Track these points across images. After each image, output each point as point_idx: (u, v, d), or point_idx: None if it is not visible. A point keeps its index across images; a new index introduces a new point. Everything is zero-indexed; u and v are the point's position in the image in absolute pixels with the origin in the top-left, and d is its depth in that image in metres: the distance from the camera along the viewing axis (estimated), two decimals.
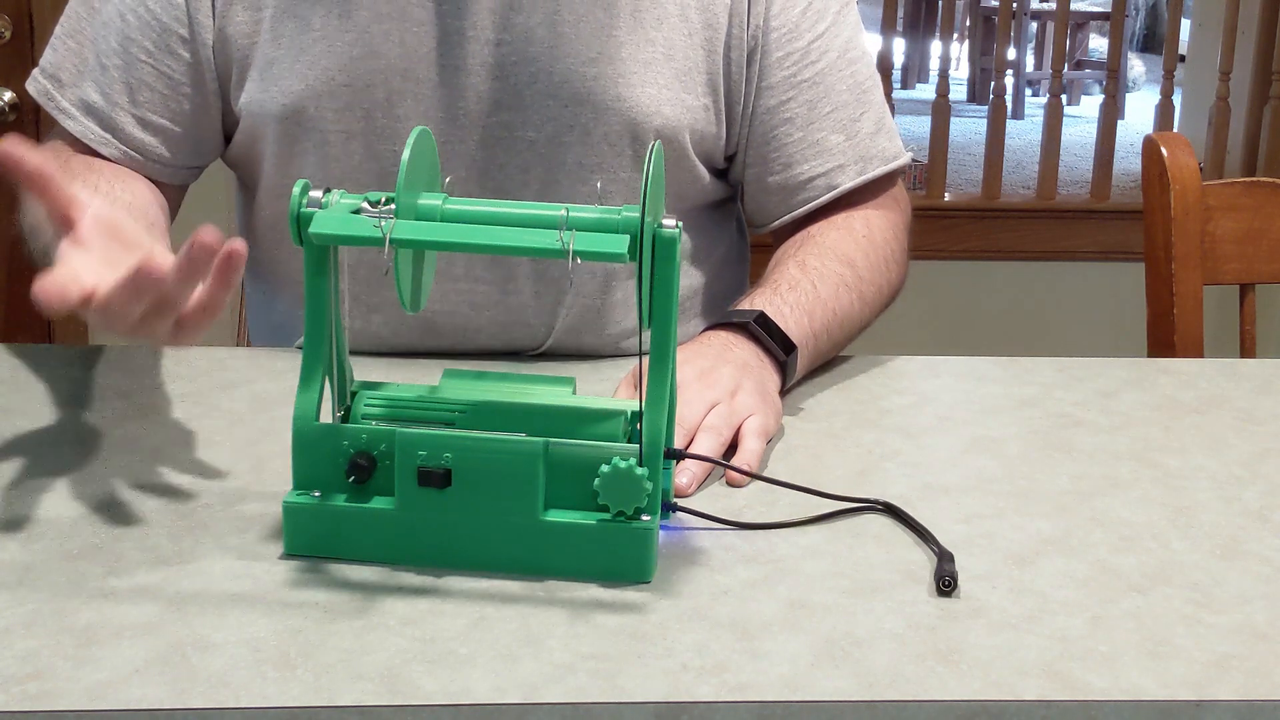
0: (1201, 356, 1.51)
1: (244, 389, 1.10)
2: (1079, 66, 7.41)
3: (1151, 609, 0.80)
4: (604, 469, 0.80)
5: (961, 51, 7.78)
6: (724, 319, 1.11)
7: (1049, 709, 0.71)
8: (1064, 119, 3.50)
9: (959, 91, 7.23)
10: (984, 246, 3.35)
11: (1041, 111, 3.70)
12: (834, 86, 1.22)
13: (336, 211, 0.81)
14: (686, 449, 0.94)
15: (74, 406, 1.06)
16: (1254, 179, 1.59)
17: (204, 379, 1.12)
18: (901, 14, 6.58)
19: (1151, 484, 0.98)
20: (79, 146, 1.19)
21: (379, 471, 0.82)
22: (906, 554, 0.86)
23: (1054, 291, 3.35)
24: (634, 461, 0.80)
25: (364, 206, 0.81)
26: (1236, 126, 3.39)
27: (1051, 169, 3.43)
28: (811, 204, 1.23)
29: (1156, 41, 8.57)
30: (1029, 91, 7.03)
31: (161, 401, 1.07)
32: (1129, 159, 4.78)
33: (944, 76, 3.45)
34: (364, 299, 1.19)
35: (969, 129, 5.83)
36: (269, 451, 0.98)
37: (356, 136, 1.15)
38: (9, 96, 2.14)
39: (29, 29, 2.15)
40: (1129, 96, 7.11)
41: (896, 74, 4.20)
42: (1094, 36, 7.75)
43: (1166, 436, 1.07)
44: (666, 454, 0.84)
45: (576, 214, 0.80)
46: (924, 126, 3.71)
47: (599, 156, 1.17)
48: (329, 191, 0.82)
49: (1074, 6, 6.00)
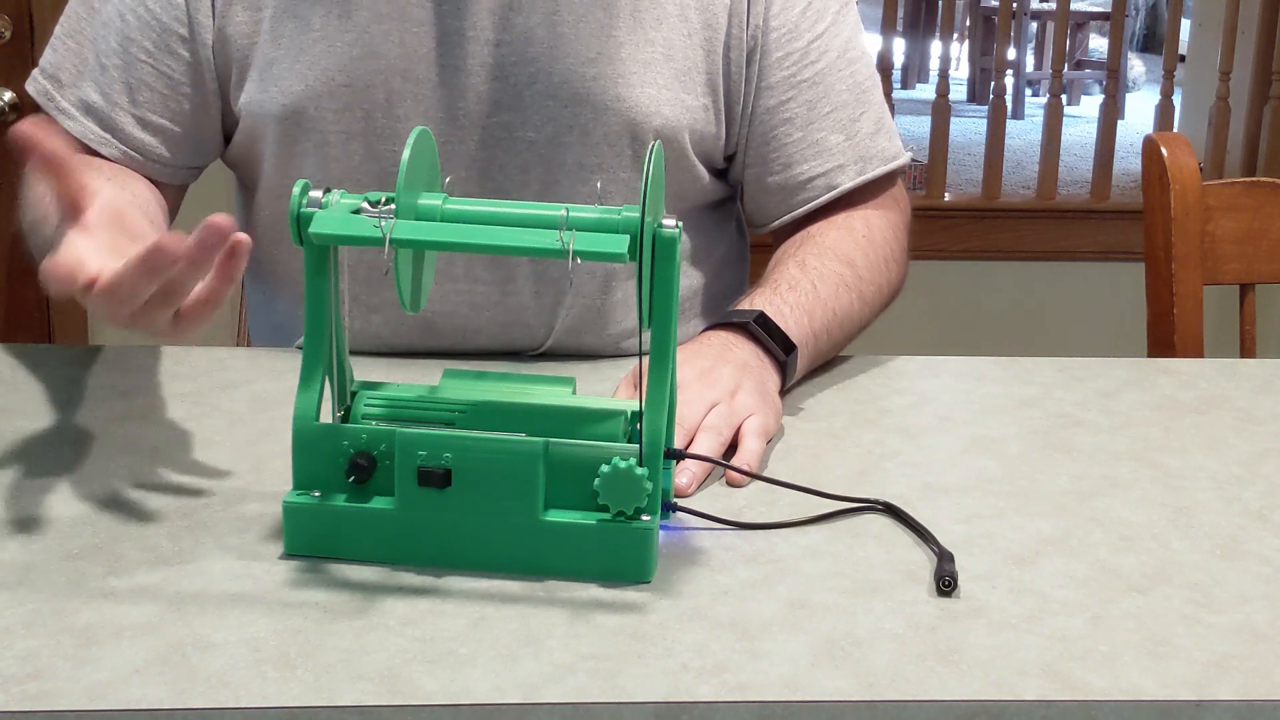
0: (1201, 356, 1.51)
1: (244, 389, 1.10)
2: (1079, 66, 7.41)
3: (1151, 609, 0.80)
4: (604, 469, 0.80)
5: (961, 51, 7.78)
6: (724, 319, 1.11)
7: (1049, 709, 0.71)
8: (1064, 119, 3.50)
9: (959, 91, 7.23)
10: (984, 246, 3.35)
11: (1041, 111, 3.70)
12: (833, 86, 1.22)
13: (336, 211, 0.81)
14: (686, 449, 0.94)
15: (74, 406, 1.06)
16: (1254, 179, 1.59)
17: (204, 379, 1.12)
18: (901, 14, 6.59)
19: (1151, 484, 0.98)
20: (78, 146, 1.19)
21: (379, 471, 0.82)
22: (906, 554, 0.86)
23: (1054, 291, 3.35)
24: (634, 461, 0.80)
25: (364, 206, 0.81)
26: (1236, 126, 3.39)
27: (1051, 169, 3.43)
28: (811, 204, 1.23)
29: (1156, 41, 8.57)
30: (1029, 91, 7.03)
31: (161, 401, 1.07)
32: (1129, 159, 4.78)
33: (944, 76, 3.45)
34: (364, 299, 1.19)
35: (969, 129, 5.84)
36: (269, 451, 0.98)
37: (356, 137, 1.15)
38: (9, 96, 2.14)
39: (29, 29, 2.15)
40: (1129, 96, 7.11)
41: (896, 74, 4.20)
42: (1094, 36, 7.75)
43: (1166, 436, 1.07)
44: (666, 454, 0.84)
45: (576, 214, 0.80)
46: (924, 126, 3.71)
47: (598, 157, 1.17)
48: (329, 191, 0.82)
49: (1074, 6, 6.00)
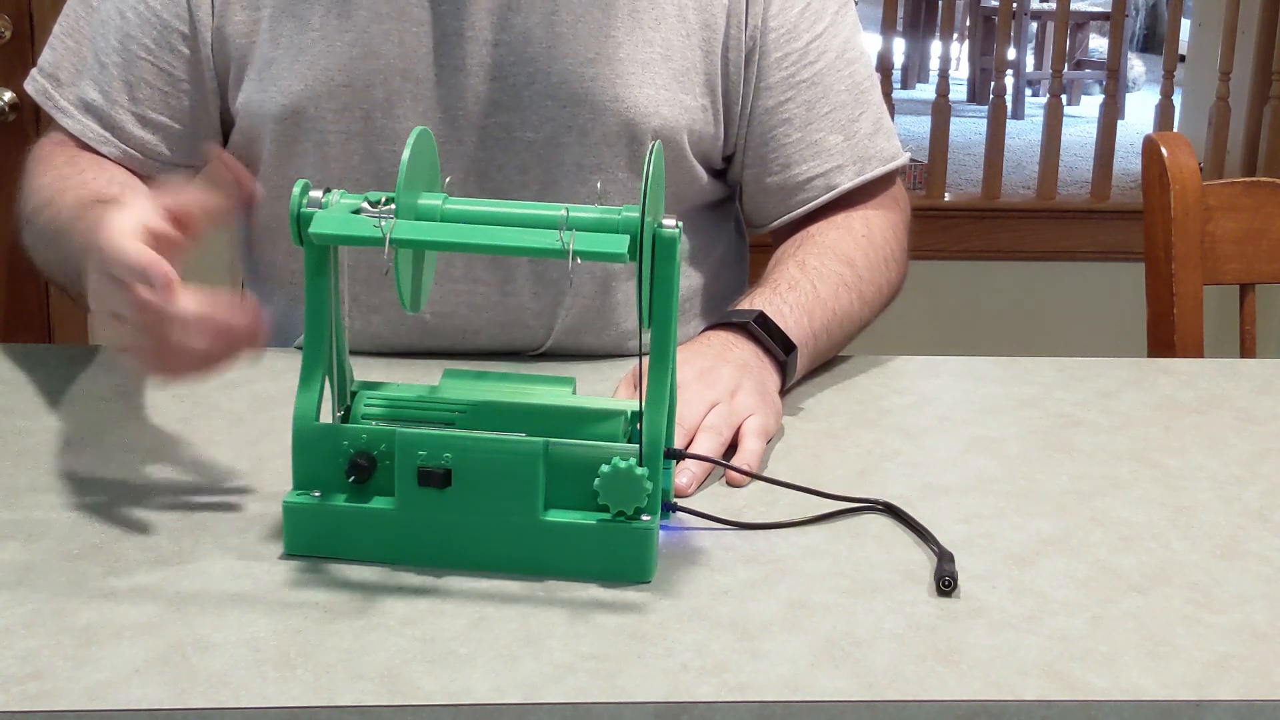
0: (1201, 356, 1.51)
1: (244, 389, 1.10)
2: (1079, 66, 7.41)
3: (1151, 609, 0.80)
4: (604, 469, 0.80)
5: (961, 51, 7.78)
6: (723, 319, 1.10)
7: (1049, 709, 0.71)
8: (1064, 119, 3.50)
9: (959, 91, 7.23)
10: (984, 246, 3.35)
11: (1041, 111, 3.70)
12: (832, 87, 1.22)
13: (336, 211, 0.81)
14: (686, 449, 0.94)
15: (74, 406, 1.06)
16: (1254, 179, 1.59)
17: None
18: (901, 14, 6.58)
19: (1151, 484, 0.98)
20: (78, 145, 1.19)
21: (379, 471, 0.82)
22: (906, 554, 0.86)
23: (1054, 291, 3.35)
24: (634, 461, 0.80)
25: (364, 206, 0.81)
26: (1236, 126, 3.39)
27: (1051, 169, 3.43)
28: (810, 204, 1.23)
29: (1156, 41, 8.57)
30: (1029, 91, 7.03)
31: (161, 401, 1.07)
32: (1129, 159, 4.78)
33: (944, 76, 3.45)
34: (364, 299, 1.19)
35: (969, 129, 5.83)
36: (269, 451, 0.98)
37: (355, 137, 1.15)
38: (9, 96, 2.14)
39: (29, 29, 2.15)
40: (1129, 96, 7.11)
41: (896, 74, 4.19)
42: (1094, 36, 7.75)
43: (1166, 436, 1.07)
44: (666, 454, 0.84)
45: (576, 214, 0.80)
46: (924, 126, 3.71)
47: (597, 157, 1.17)
48: (329, 191, 0.82)
49: (1074, 6, 6.00)
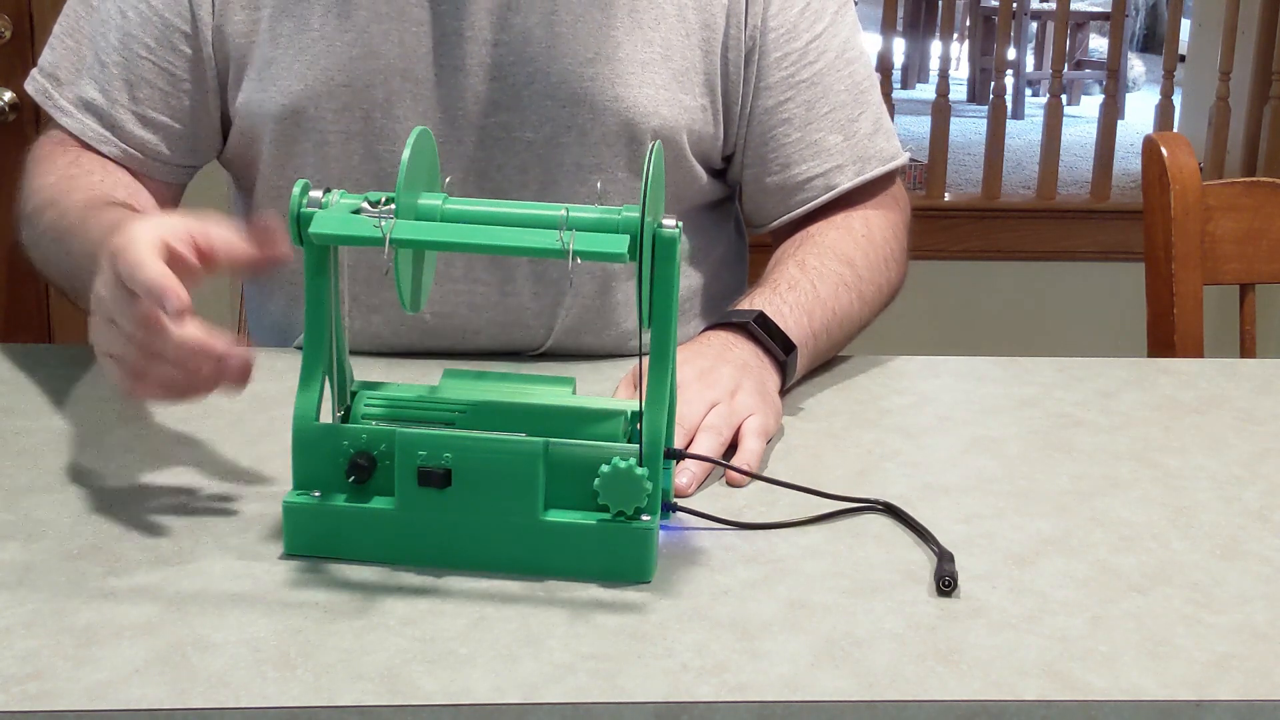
0: (1201, 356, 1.51)
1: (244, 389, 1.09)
2: (1079, 66, 7.41)
3: (1151, 609, 0.80)
4: (604, 469, 0.80)
5: (961, 51, 7.78)
6: (723, 319, 1.10)
7: (1049, 709, 0.71)
8: (1064, 119, 3.50)
9: (959, 91, 7.23)
10: (984, 246, 3.35)
11: (1041, 111, 3.70)
12: (832, 87, 1.22)
13: (336, 211, 0.81)
14: (686, 449, 0.94)
15: (74, 406, 1.06)
16: (1254, 179, 1.59)
17: None
18: (901, 14, 6.59)
19: (1151, 484, 0.98)
20: (78, 145, 1.19)
21: (379, 471, 0.82)
22: (906, 554, 0.86)
23: (1054, 291, 3.35)
24: (634, 461, 0.80)
25: (364, 206, 0.81)
26: (1236, 126, 3.39)
27: (1051, 169, 3.43)
28: (810, 204, 1.23)
29: (1156, 41, 8.57)
30: (1029, 91, 7.03)
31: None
32: (1129, 159, 4.78)
33: (944, 76, 3.45)
34: (364, 299, 1.19)
35: (969, 129, 5.83)
36: (269, 451, 0.98)
37: (355, 137, 1.15)
38: (9, 96, 2.14)
39: (29, 29, 2.15)
40: (1129, 96, 7.11)
41: (896, 74, 4.19)
42: (1094, 36, 7.75)
43: (1166, 436, 1.07)
44: (666, 454, 0.84)
45: (576, 214, 0.80)
46: (924, 126, 3.72)
47: (597, 157, 1.17)
48: (329, 191, 0.82)
49: (1074, 6, 6.00)
